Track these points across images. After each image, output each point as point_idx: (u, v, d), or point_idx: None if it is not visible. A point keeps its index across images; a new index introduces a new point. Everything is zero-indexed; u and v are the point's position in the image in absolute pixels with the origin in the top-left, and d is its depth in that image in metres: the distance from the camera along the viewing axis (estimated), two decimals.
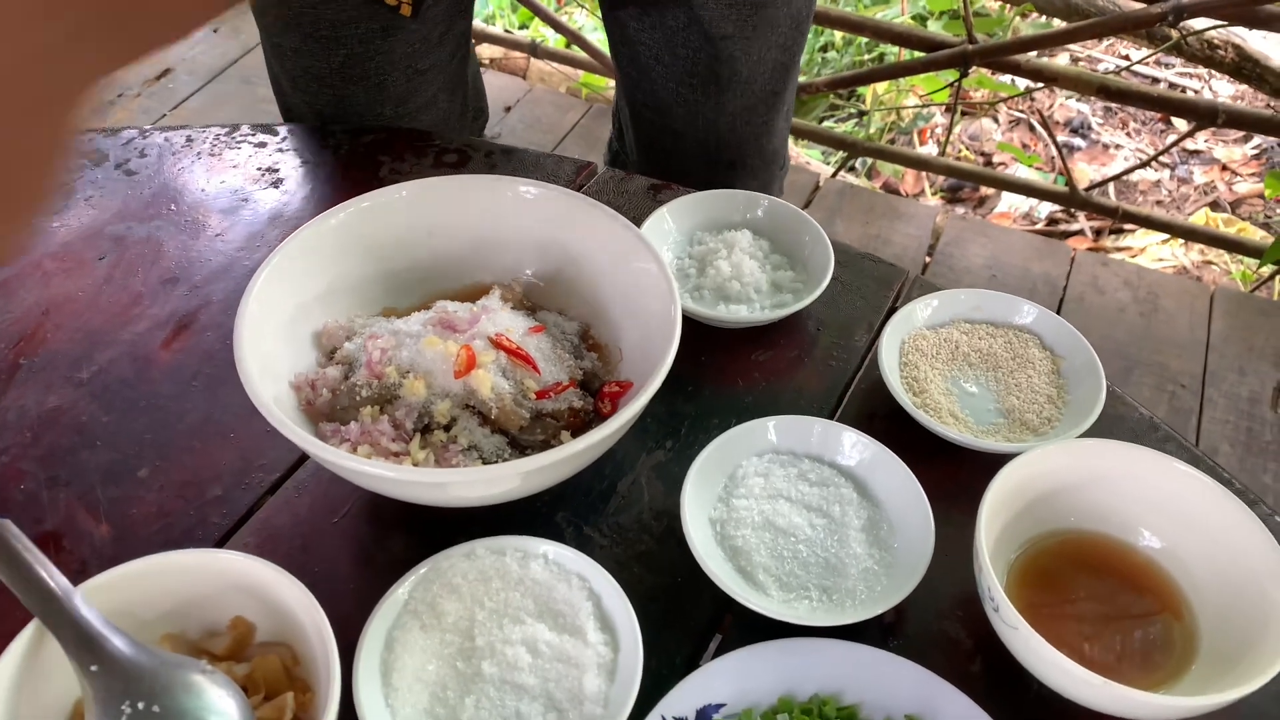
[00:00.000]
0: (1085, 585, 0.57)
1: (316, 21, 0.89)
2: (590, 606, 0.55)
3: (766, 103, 1.00)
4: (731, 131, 1.00)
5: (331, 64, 0.92)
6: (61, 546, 0.60)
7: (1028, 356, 0.70)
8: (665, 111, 1.00)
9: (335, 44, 0.90)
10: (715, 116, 0.98)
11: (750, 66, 0.95)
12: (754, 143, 1.02)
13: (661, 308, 0.60)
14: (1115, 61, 3.01)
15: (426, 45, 0.93)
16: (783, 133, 1.06)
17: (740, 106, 0.98)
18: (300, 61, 0.93)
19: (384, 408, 0.60)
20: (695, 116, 0.99)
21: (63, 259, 0.77)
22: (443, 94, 0.99)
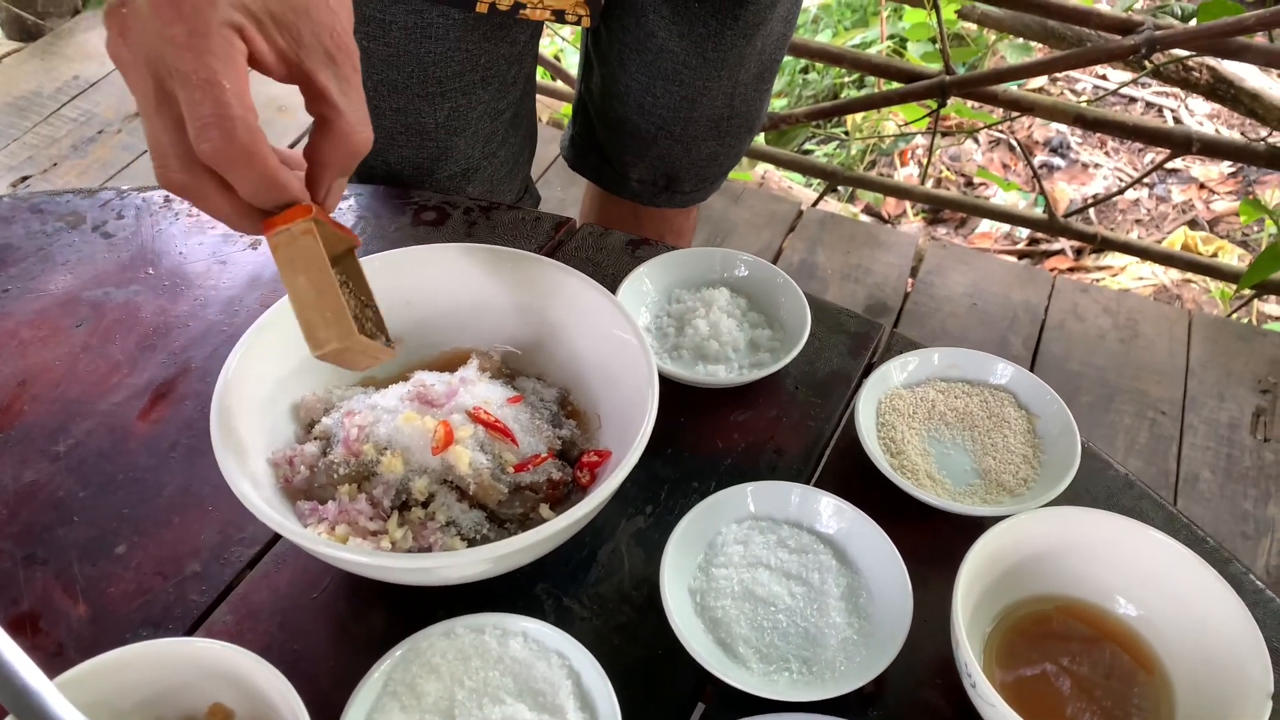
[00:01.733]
0: (1063, 653, 0.57)
1: (425, 80, 0.90)
2: (570, 685, 0.55)
3: (770, 69, 1.05)
4: (743, 101, 1.04)
5: (438, 117, 0.93)
6: (38, 628, 0.60)
7: (1003, 416, 0.71)
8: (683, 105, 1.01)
9: (441, 98, 0.92)
10: (731, 91, 1.02)
11: (764, 40, 0.99)
12: (757, 106, 1.07)
13: (639, 382, 0.61)
14: (1093, 81, 3.04)
15: (504, 87, 0.96)
16: (770, 93, 1.10)
17: (751, 77, 1.02)
18: (403, 119, 0.94)
19: (361, 485, 0.60)
20: (714, 99, 1.02)
21: (39, 327, 0.77)
22: (511, 131, 1.01)
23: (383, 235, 0.86)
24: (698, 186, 1.13)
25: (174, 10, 0.46)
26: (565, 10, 0.87)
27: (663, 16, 0.95)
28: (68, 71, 2.35)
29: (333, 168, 0.54)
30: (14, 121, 2.21)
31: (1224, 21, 1.60)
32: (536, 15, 0.87)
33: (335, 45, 0.52)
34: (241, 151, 0.48)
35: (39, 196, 0.88)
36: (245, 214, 0.52)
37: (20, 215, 0.86)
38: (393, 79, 0.90)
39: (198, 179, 0.49)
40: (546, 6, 0.87)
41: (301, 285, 0.52)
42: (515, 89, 0.98)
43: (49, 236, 0.84)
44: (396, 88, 0.91)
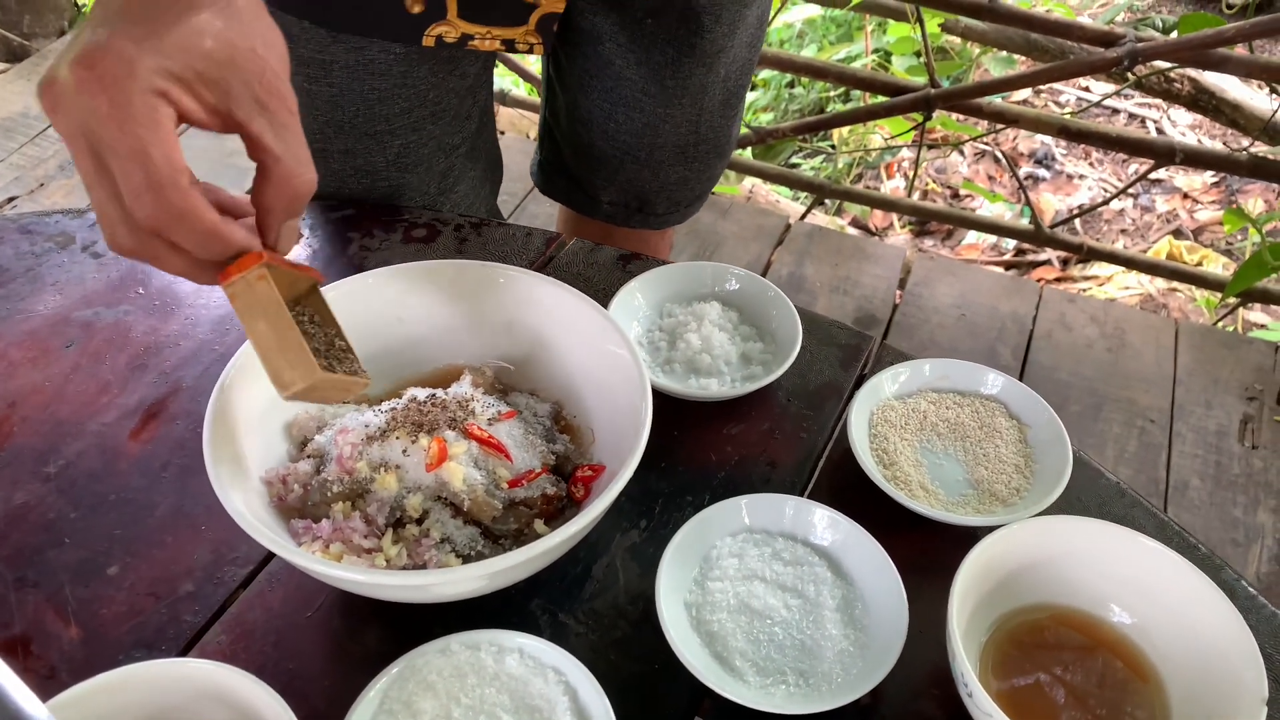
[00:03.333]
0: (1058, 662, 0.57)
1: (372, 119, 0.90)
2: (566, 701, 0.55)
3: (737, 95, 1.04)
4: (710, 128, 1.03)
5: (388, 156, 0.92)
6: (30, 651, 0.60)
7: (995, 426, 0.71)
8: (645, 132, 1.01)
9: (390, 136, 0.91)
10: (696, 118, 1.01)
11: (727, 68, 0.99)
12: (725, 132, 1.06)
13: (632, 397, 0.61)
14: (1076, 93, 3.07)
15: (459, 120, 0.95)
16: (741, 117, 1.10)
17: (717, 104, 1.01)
18: (352, 161, 0.93)
19: (355, 503, 0.60)
20: (678, 126, 1.01)
21: (28, 348, 0.77)
22: (469, 163, 1.00)
23: (372, 253, 0.86)
24: (671, 209, 1.12)
25: (96, 84, 0.47)
26: (515, 40, 0.86)
27: (619, 44, 0.94)
28: None
29: (278, 212, 0.54)
30: (0, 143, 2.20)
31: (1205, 33, 1.62)
32: (486, 46, 0.86)
33: (266, 92, 0.52)
34: (176, 214, 0.49)
35: (28, 217, 0.88)
36: (200, 268, 0.53)
37: (9, 236, 0.86)
38: (338, 119, 0.89)
39: (146, 242, 0.51)
40: (495, 36, 0.85)
41: (261, 330, 0.53)
42: (470, 122, 0.97)
43: (38, 257, 0.84)
44: (343, 128, 0.90)
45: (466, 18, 0.83)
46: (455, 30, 0.84)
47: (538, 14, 0.85)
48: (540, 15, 0.85)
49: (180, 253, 0.51)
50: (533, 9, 0.84)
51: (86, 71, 0.47)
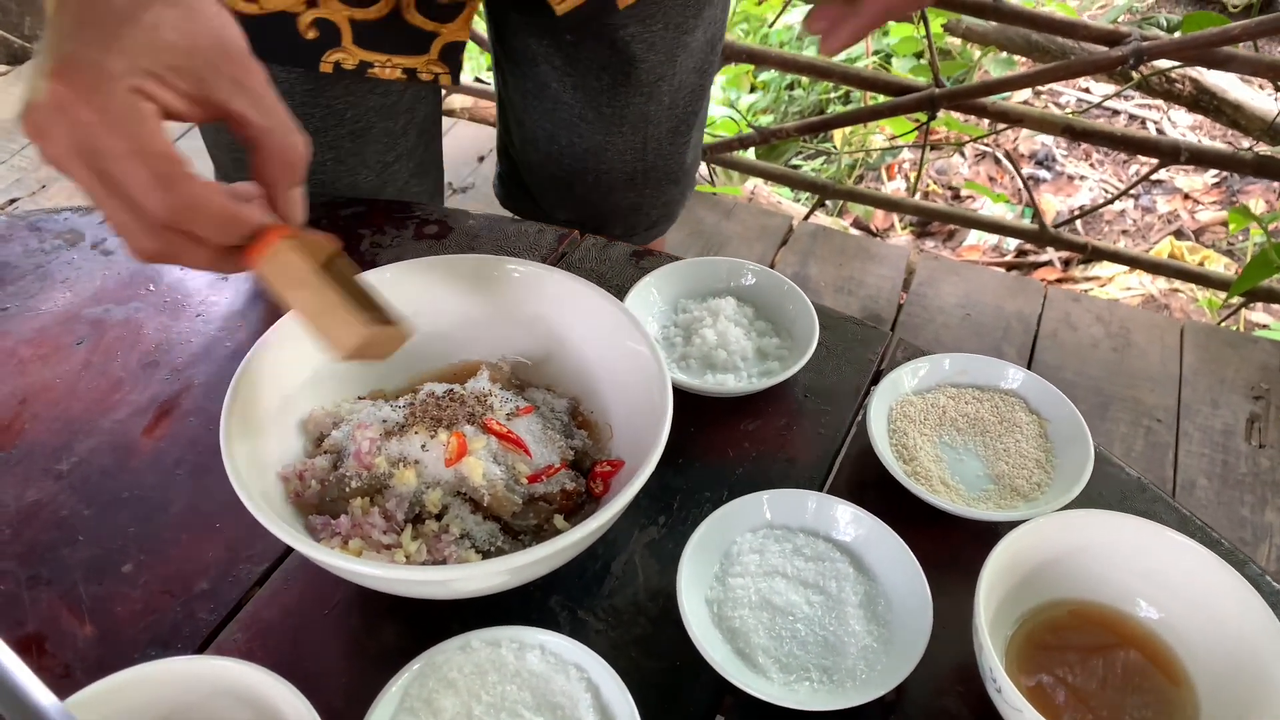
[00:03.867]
0: (1084, 656, 0.57)
1: None
2: (589, 698, 0.54)
3: (686, 123, 1.02)
4: (657, 155, 1.02)
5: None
6: (44, 650, 0.59)
7: (1014, 420, 0.71)
8: (588, 156, 1.00)
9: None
10: (642, 146, 1.00)
11: (672, 96, 0.97)
12: (677, 159, 1.04)
13: (652, 393, 0.60)
14: (1076, 95, 3.07)
15: (392, 138, 0.93)
16: (698, 144, 1.08)
17: (664, 133, 1.00)
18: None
19: (374, 498, 0.59)
20: (623, 153, 1.00)
21: (39, 345, 0.76)
22: (414, 180, 0.98)
23: (384, 249, 0.86)
24: (628, 233, 1.10)
25: (76, 97, 0.46)
26: (418, 69, 0.85)
27: (554, 67, 0.93)
28: None
29: (281, 184, 0.54)
30: (1, 144, 2.20)
31: (1210, 32, 1.61)
32: (386, 74, 0.85)
33: (238, 69, 0.52)
34: (189, 202, 0.48)
35: (36, 214, 0.87)
36: (223, 256, 0.52)
37: (18, 233, 0.85)
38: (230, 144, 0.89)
39: (167, 240, 0.50)
40: (396, 65, 0.84)
41: (303, 299, 0.53)
42: (404, 139, 0.94)
43: (47, 254, 0.84)
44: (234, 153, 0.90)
45: (363, 45, 0.82)
46: (353, 57, 0.83)
47: (439, 42, 0.83)
48: (443, 44, 0.83)
49: (201, 244, 0.51)
50: (434, 37, 0.83)
51: (63, 87, 0.47)
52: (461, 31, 0.83)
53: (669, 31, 0.89)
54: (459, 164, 2.26)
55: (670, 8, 0.89)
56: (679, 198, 1.11)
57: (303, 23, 0.80)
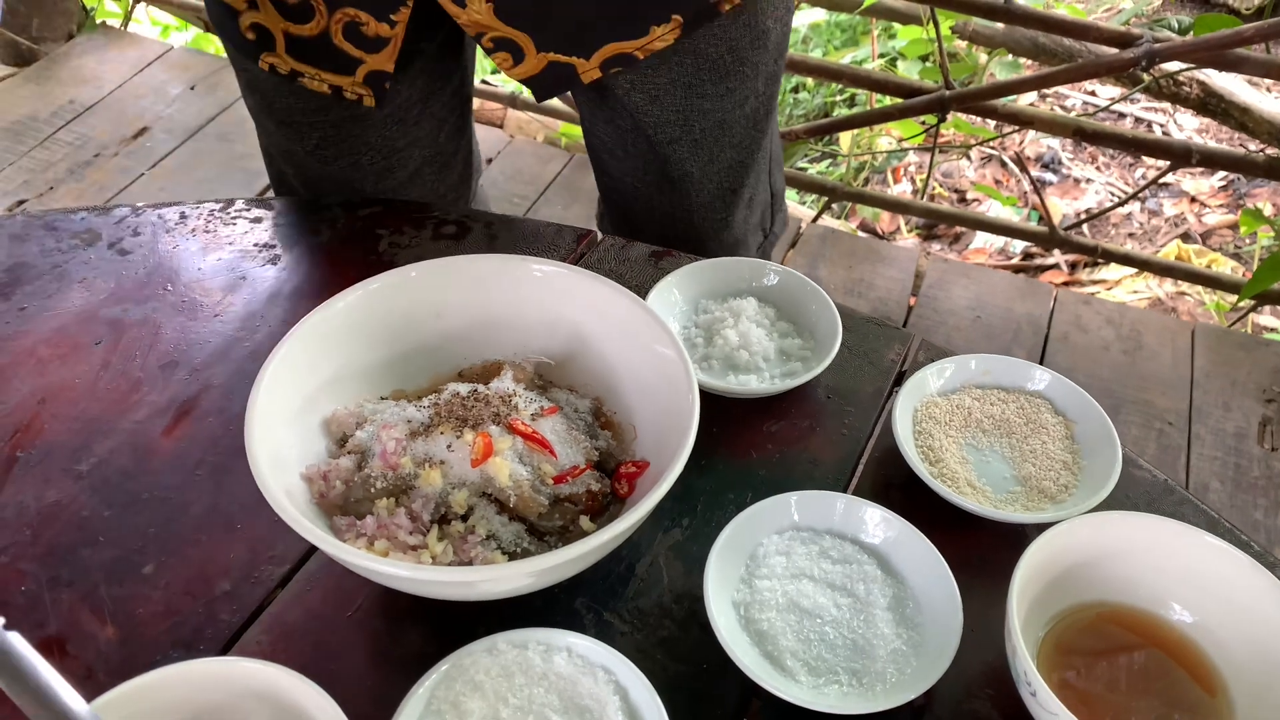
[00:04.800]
0: (1118, 662, 0.56)
1: (288, 109, 0.90)
2: (617, 701, 0.54)
3: (723, 200, 0.98)
4: (689, 226, 0.99)
5: (306, 146, 0.93)
6: (66, 652, 0.58)
7: (1040, 422, 0.70)
8: (628, 197, 1.00)
9: (309, 129, 0.91)
10: (671, 210, 0.98)
11: (701, 168, 0.93)
12: (714, 237, 1.00)
13: (677, 393, 0.60)
14: (1082, 98, 3.07)
15: (403, 126, 0.93)
16: (743, 224, 1.03)
17: (697, 204, 0.97)
18: (279, 142, 0.95)
19: (399, 499, 0.59)
20: (652, 210, 0.98)
21: (58, 345, 0.76)
22: (428, 168, 0.98)
23: (402, 249, 0.85)
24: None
25: None
26: (344, 88, 0.85)
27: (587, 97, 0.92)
28: (63, 96, 2.34)
29: None
30: (9, 146, 2.19)
31: (1223, 33, 1.61)
32: (314, 86, 0.86)
33: None
34: None
35: (53, 214, 0.87)
36: None
37: (34, 233, 0.85)
38: (260, 102, 0.92)
39: None
40: (325, 80, 0.85)
41: None
42: (416, 128, 0.94)
43: (64, 254, 0.83)
44: (262, 110, 0.93)
45: (294, 55, 0.84)
46: (285, 64, 0.85)
47: (364, 69, 0.84)
48: (368, 71, 0.84)
49: None
50: (359, 63, 0.84)
51: None
52: (386, 63, 0.84)
53: (676, 90, 0.87)
54: None
55: (674, 66, 0.85)
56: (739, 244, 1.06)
57: (243, 23, 0.82)
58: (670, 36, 0.81)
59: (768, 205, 1.07)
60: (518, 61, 0.82)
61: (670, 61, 0.84)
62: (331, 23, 0.81)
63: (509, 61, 0.82)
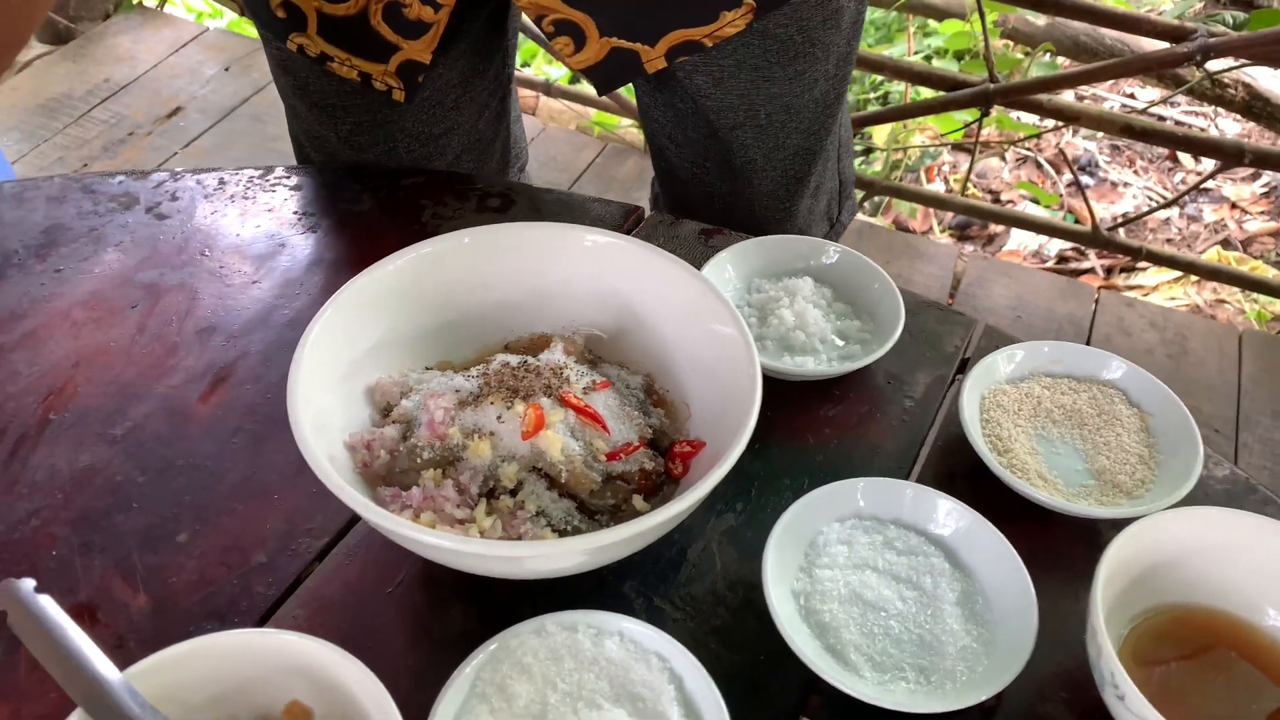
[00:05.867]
0: (1205, 667, 0.53)
1: (322, 92, 0.87)
2: (672, 690, 0.51)
3: (787, 188, 0.93)
4: (750, 215, 0.95)
5: (339, 132, 0.90)
6: (96, 619, 0.56)
7: (1114, 413, 0.67)
8: (685, 186, 0.96)
9: (342, 113, 0.88)
10: (731, 200, 0.93)
11: (766, 155, 0.89)
12: (776, 227, 0.95)
13: (737, 376, 0.57)
14: (1120, 99, 3.01)
15: (441, 110, 0.90)
16: (807, 214, 0.98)
17: (759, 192, 0.93)
18: (311, 127, 0.92)
19: (446, 471, 0.56)
20: (711, 197, 0.94)
21: (93, 308, 0.74)
22: (466, 156, 0.95)
23: (446, 221, 0.83)
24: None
25: None
26: (373, 76, 0.83)
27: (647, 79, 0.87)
28: (98, 74, 2.34)
29: None
30: (45, 123, 2.19)
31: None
32: (343, 72, 0.83)
33: None
34: None
35: (90, 177, 0.85)
36: None
37: (71, 195, 0.83)
38: (294, 84, 0.89)
39: None
40: (354, 66, 0.82)
41: None
42: (455, 113, 0.91)
43: (101, 217, 0.81)
44: (298, 91, 0.89)
45: (325, 37, 0.81)
46: (315, 46, 0.81)
47: (399, 57, 0.81)
48: (402, 59, 0.81)
49: None
50: (395, 50, 0.80)
51: None
52: (423, 54, 0.80)
53: (742, 73, 0.83)
54: None
55: (739, 47, 0.81)
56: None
57: (274, 0, 0.79)
58: (741, 22, 0.76)
59: (835, 193, 1.02)
60: (579, 47, 0.79)
61: (735, 41, 0.79)
62: (372, 2, 0.77)
63: (570, 48, 0.79)
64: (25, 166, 2.06)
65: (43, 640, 0.47)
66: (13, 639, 0.47)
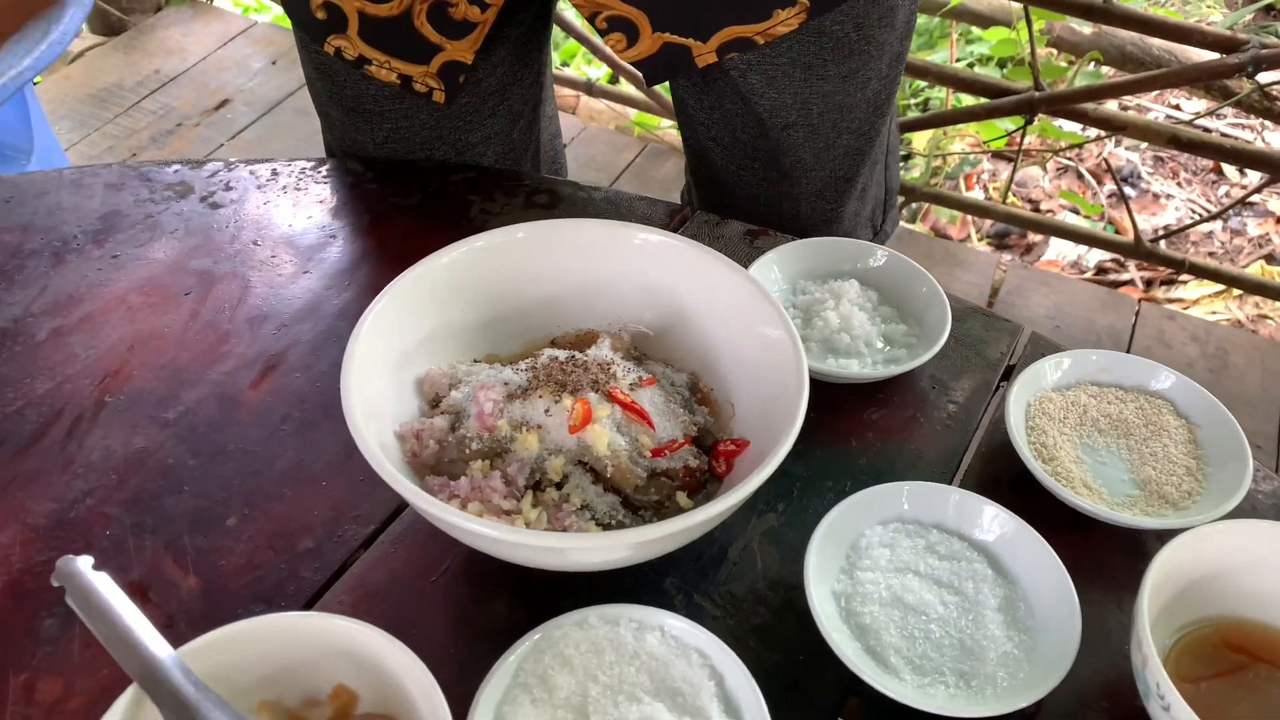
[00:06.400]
0: (1250, 681, 0.52)
1: (359, 96, 0.87)
2: (713, 686, 0.51)
3: (835, 189, 0.92)
4: (795, 217, 0.94)
5: (376, 138, 0.90)
6: (148, 598, 0.57)
7: (1161, 424, 0.66)
8: (727, 189, 0.95)
9: (379, 118, 0.88)
10: (778, 201, 0.93)
11: (816, 155, 0.88)
12: (822, 229, 0.94)
13: (783, 377, 0.57)
14: (1164, 110, 2.97)
15: (478, 117, 0.89)
16: (853, 218, 0.97)
17: (806, 193, 0.92)
18: (346, 134, 0.92)
19: (494, 462, 0.57)
20: (755, 201, 0.93)
21: (148, 294, 0.75)
22: (500, 163, 0.95)
23: (494, 216, 0.84)
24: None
25: None
26: (414, 78, 0.82)
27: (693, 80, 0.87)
28: (148, 66, 2.38)
29: None
30: (95, 112, 2.23)
31: None
32: (382, 75, 0.83)
33: None
34: None
35: (147, 165, 0.86)
36: None
37: (129, 183, 0.84)
38: (330, 89, 0.89)
39: None
40: (394, 69, 0.82)
41: None
42: (493, 121, 0.91)
43: (157, 205, 0.83)
44: (333, 97, 0.90)
45: (366, 39, 0.80)
46: (354, 48, 0.81)
47: (441, 58, 0.81)
48: (444, 60, 0.81)
49: None
50: (437, 50, 0.80)
51: None
52: (465, 53, 0.80)
53: (796, 71, 0.82)
54: None
55: (794, 45, 0.80)
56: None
57: (314, 0, 0.79)
58: (795, 21, 0.77)
59: (880, 201, 1.01)
60: (632, 43, 0.79)
61: (790, 39, 0.79)
62: (416, 2, 0.78)
63: (622, 43, 0.79)
64: (76, 155, 2.10)
65: (100, 617, 0.48)
66: (68, 615, 0.49)
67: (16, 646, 0.55)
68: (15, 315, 0.73)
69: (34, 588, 0.57)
